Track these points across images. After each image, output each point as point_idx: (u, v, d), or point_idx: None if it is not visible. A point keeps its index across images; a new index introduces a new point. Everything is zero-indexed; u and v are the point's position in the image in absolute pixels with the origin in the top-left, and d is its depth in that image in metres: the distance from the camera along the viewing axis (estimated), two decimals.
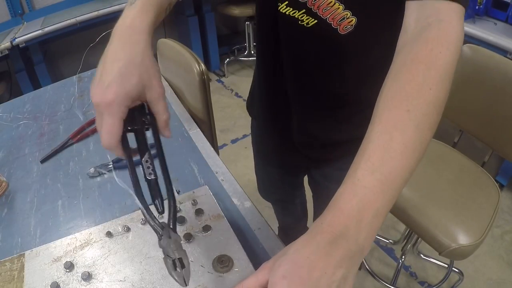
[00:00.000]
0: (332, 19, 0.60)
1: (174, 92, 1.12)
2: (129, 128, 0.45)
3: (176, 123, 0.96)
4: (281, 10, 0.64)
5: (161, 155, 0.46)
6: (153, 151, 0.46)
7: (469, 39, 1.62)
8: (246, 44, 3.06)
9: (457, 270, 1.51)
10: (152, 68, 0.46)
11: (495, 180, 1.23)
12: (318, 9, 0.60)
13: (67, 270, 0.51)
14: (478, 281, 1.49)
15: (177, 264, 0.41)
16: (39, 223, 0.70)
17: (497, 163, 1.85)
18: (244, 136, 2.38)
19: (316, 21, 0.61)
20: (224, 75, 3.10)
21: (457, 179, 1.22)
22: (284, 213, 1.35)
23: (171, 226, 0.43)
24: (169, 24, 2.99)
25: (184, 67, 1.07)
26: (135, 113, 0.45)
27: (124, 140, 0.44)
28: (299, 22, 0.63)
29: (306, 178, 1.08)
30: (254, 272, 0.39)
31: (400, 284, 1.51)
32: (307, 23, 0.63)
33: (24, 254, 0.54)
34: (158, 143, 0.46)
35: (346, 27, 0.59)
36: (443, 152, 1.33)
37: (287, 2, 0.63)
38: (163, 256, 0.42)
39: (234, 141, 2.34)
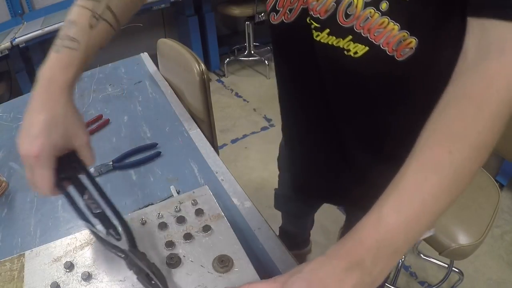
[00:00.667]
0: (387, 43, 0.49)
1: (174, 92, 1.12)
2: (62, 176, 0.47)
3: (176, 123, 0.96)
4: (321, 40, 0.53)
5: (100, 190, 0.49)
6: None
7: None
8: (246, 44, 3.06)
9: (457, 270, 1.51)
10: (75, 118, 0.48)
11: (495, 180, 1.23)
12: (369, 33, 0.49)
13: (67, 270, 0.51)
14: (478, 281, 1.49)
15: (152, 276, 0.44)
16: (39, 223, 0.70)
17: (497, 163, 1.85)
18: (244, 136, 2.38)
19: (367, 48, 0.50)
20: (224, 75, 3.10)
21: None
22: (291, 223, 1.32)
23: (129, 246, 0.47)
24: (169, 24, 3.00)
25: (184, 67, 1.07)
26: (65, 162, 0.48)
27: (60, 186, 0.47)
28: (345, 52, 0.52)
29: None
30: (265, 280, 0.40)
31: (400, 284, 1.51)
32: (355, 52, 0.51)
33: (24, 254, 0.54)
34: (93, 182, 0.49)
35: (405, 50, 0.49)
36: None
37: (328, 30, 0.52)
38: (136, 275, 0.45)
39: (234, 141, 2.34)
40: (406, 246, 0.37)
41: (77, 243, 0.55)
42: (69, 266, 0.51)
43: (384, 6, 0.47)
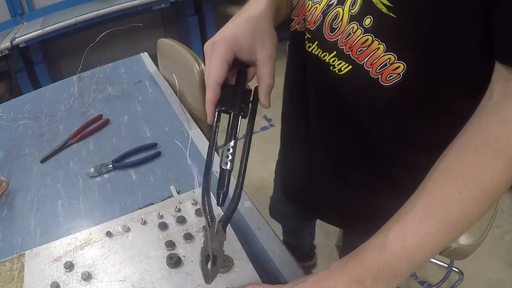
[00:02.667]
0: (371, 64, 0.44)
1: (174, 92, 1.12)
2: (225, 109, 0.44)
3: (176, 123, 0.96)
4: (312, 51, 0.51)
5: (247, 149, 0.44)
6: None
7: None
8: None
9: (457, 270, 1.51)
10: (268, 29, 0.46)
11: None
12: (351, 51, 0.45)
13: (67, 270, 0.51)
14: (478, 281, 1.49)
15: (210, 260, 0.40)
16: (39, 223, 0.70)
17: None
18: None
19: (350, 66, 0.46)
20: None
21: None
22: (288, 235, 1.28)
23: (223, 225, 0.41)
24: (169, 24, 2.99)
25: (184, 67, 1.07)
26: (236, 97, 0.44)
27: (217, 119, 0.44)
28: (331, 68, 0.49)
29: None
30: (271, 286, 0.42)
31: (400, 284, 1.50)
32: (339, 70, 0.48)
33: (24, 254, 0.54)
34: (249, 135, 0.45)
35: (391, 76, 0.43)
36: None
37: (317, 42, 0.50)
38: (203, 246, 0.40)
39: None
40: (406, 272, 0.38)
41: (77, 243, 0.55)
42: (69, 266, 0.51)
43: (368, 21, 0.42)
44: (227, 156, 0.41)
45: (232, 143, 0.42)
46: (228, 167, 0.42)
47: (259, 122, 2.48)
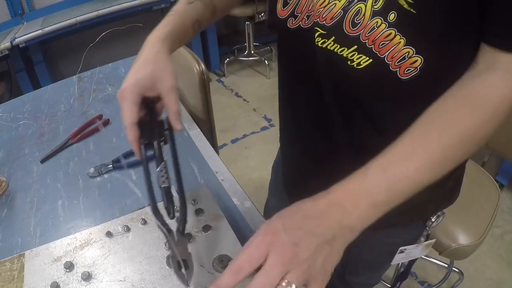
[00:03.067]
0: (391, 58, 0.47)
1: None
2: (147, 142, 0.50)
3: None
4: (328, 47, 0.52)
5: (177, 167, 0.50)
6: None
7: None
8: (246, 44, 3.06)
9: (457, 270, 1.51)
10: (165, 64, 0.53)
11: (495, 180, 1.23)
12: (374, 44, 0.47)
13: (67, 270, 0.51)
14: (478, 281, 1.49)
15: (182, 265, 0.43)
16: (39, 223, 0.70)
17: (497, 163, 1.85)
18: (244, 136, 2.38)
19: (370, 60, 0.48)
20: (224, 75, 3.10)
21: None
22: None
23: (180, 232, 0.46)
24: None
25: (184, 67, 1.07)
26: (154, 129, 0.51)
27: (142, 149, 0.50)
28: (348, 62, 0.50)
29: None
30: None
31: (400, 284, 1.51)
32: (358, 64, 0.49)
33: (24, 254, 0.54)
34: (174, 156, 0.51)
35: (409, 69, 0.46)
36: None
37: (333, 37, 0.50)
38: (170, 255, 0.45)
39: (234, 141, 2.34)
40: (385, 204, 0.41)
41: (77, 243, 0.55)
42: (69, 266, 0.51)
43: (392, 17, 0.45)
44: (162, 176, 0.48)
45: (162, 165, 0.49)
46: (166, 184, 0.49)
47: (259, 122, 2.49)
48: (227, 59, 3.10)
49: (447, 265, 1.52)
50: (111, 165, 0.81)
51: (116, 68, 1.28)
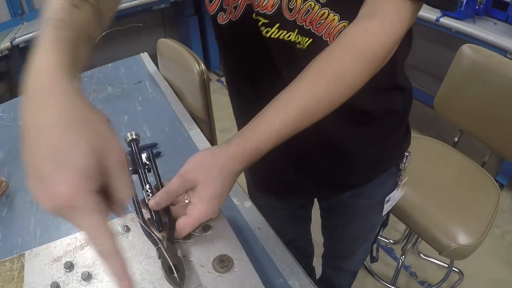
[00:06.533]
0: (328, 34, 0.52)
1: (174, 92, 1.12)
2: (131, 168, 0.52)
3: (176, 123, 0.96)
4: (272, 36, 0.54)
5: (160, 183, 0.53)
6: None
7: (469, 39, 1.62)
8: None
9: (457, 270, 1.51)
10: (98, 122, 0.32)
11: (495, 180, 1.23)
12: (312, 25, 0.52)
13: (67, 270, 0.51)
14: (478, 281, 1.49)
15: (173, 269, 0.45)
16: (39, 223, 0.70)
17: (497, 163, 1.85)
18: None
19: (311, 40, 0.53)
20: (224, 75, 3.10)
21: (457, 179, 1.22)
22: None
23: (169, 240, 0.48)
24: (169, 24, 2.99)
25: (184, 67, 1.07)
26: (135, 158, 0.53)
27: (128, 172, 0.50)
28: (297, 45, 0.54)
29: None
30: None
31: (400, 284, 1.51)
32: (304, 45, 0.54)
33: (24, 254, 0.54)
34: (158, 179, 0.53)
35: None
36: (443, 151, 1.33)
37: (278, 24, 0.52)
38: (161, 262, 0.47)
39: None
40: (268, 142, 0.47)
41: (77, 243, 0.55)
42: (69, 266, 0.51)
43: None
44: (148, 195, 0.51)
45: (147, 186, 0.52)
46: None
47: None
48: None
49: (447, 265, 1.53)
50: None
51: (116, 68, 1.28)
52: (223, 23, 0.58)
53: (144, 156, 0.54)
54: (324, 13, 0.50)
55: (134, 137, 0.55)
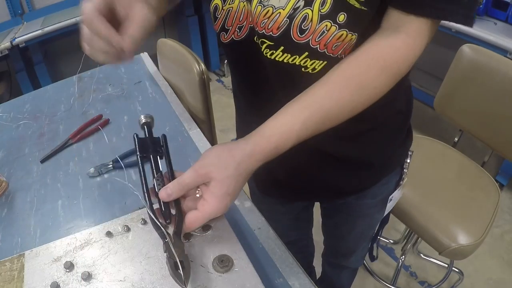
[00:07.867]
0: (344, 52, 0.51)
1: (174, 92, 1.12)
2: (145, 155, 0.53)
3: (176, 123, 0.96)
4: (276, 59, 0.53)
5: (172, 174, 0.52)
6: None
7: (469, 39, 1.62)
8: None
9: (457, 270, 1.51)
10: None
11: (495, 180, 1.23)
12: (326, 48, 0.50)
13: (67, 270, 0.51)
14: (478, 281, 1.49)
15: (178, 266, 0.44)
16: (39, 223, 0.70)
17: (497, 163, 1.85)
18: None
19: (325, 62, 0.51)
20: (224, 75, 3.10)
21: (457, 179, 1.22)
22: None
23: (177, 234, 0.48)
24: (169, 24, 2.99)
25: (184, 67, 1.07)
26: (150, 144, 0.54)
27: (141, 163, 0.52)
28: (303, 69, 0.52)
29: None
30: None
31: (400, 284, 1.51)
32: (313, 68, 0.52)
33: (24, 254, 0.54)
34: (170, 168, 0.53)
35: None
36: (443, 151, 1.33)
37: (282, 47, 0.51)
38: (167, 257, 0.46)
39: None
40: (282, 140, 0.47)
41: (77, 243, 0.55)
42: (69, 266, 0.51)
43: (342, 18, 0.47)
44: (159, 185, 0.50)
45: (158, 175, 0.51)
46: None
47: None
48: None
49: (447, 265, 1.53)
50: (111, 165, 0.81)
51: (116, 68, 1.28)
52: (226, 41, 0.58)
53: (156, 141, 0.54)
54: (342, 34, 0.48)
55: (147, 120, 0.54)
